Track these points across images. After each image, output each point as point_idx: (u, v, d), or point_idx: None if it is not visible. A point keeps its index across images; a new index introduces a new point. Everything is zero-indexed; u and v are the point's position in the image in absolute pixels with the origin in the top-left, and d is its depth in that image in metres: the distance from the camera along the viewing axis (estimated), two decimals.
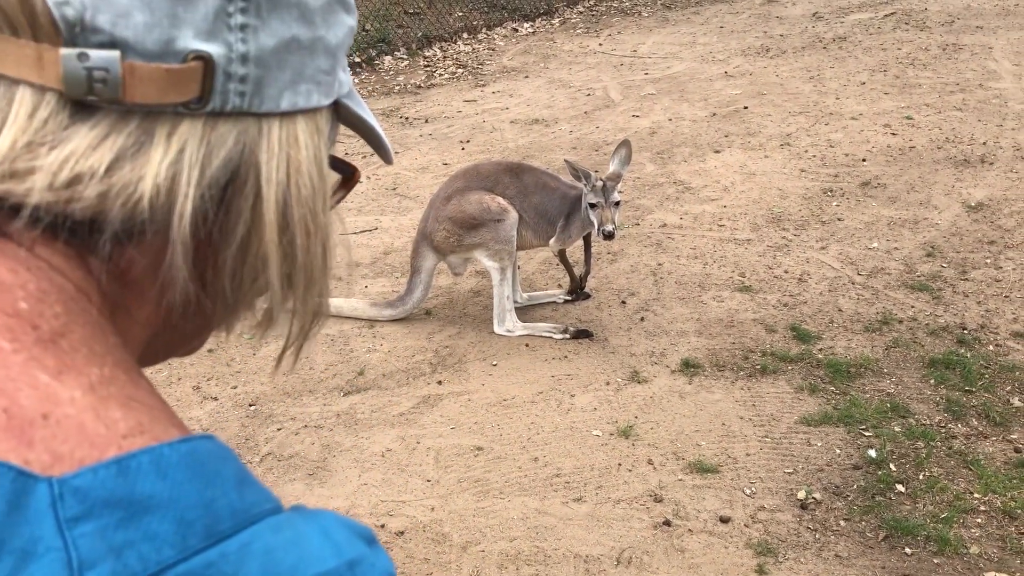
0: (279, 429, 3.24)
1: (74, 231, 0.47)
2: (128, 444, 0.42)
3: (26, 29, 0.44)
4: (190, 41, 0.46)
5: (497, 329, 3.82)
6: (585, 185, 3.63)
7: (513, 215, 3.75)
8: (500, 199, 3.76)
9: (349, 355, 3.70)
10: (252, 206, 0.50)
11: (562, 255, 4.01)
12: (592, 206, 3.61)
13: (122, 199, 0.46)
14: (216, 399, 3.43)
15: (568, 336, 3.78)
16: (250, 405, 3.39)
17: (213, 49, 0.47)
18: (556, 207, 3.82)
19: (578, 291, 4.06)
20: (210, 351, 3.76)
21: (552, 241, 3.88)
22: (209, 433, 0.47)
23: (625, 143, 3.76)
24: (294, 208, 0.51)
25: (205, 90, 0.47)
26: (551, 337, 3.78)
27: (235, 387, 3.51)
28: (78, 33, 0.44)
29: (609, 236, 3.56)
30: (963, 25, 8.92)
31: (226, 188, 0.49)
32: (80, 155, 0.45)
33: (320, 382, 3.53)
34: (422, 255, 3.87)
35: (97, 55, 0.44)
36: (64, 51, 0.44)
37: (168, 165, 0.47)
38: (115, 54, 0.44)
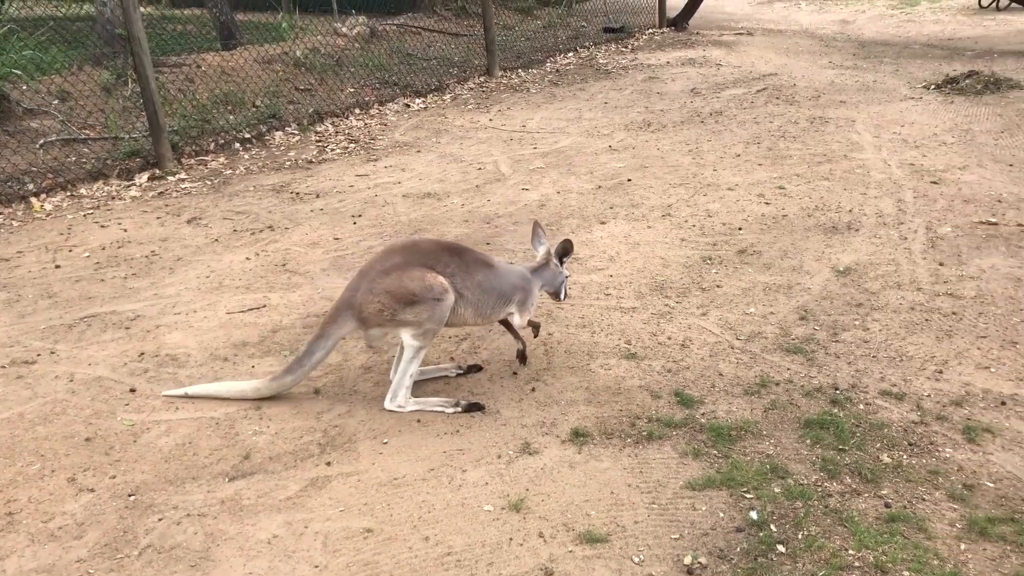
0: (160, 519, 3.12)
1: None
2: None
3: None
4: None
5: (388, 405, 3.79)
6: (552, 257, 4.09)
7: (451, 297, 3.72)
8: (442, 278, 3.70)
9: (234, 439, 3.61)
10: None
11: (531, 323, 4.20)
12: (566, 277, 4.19)
13: None
14: (93, 490, 3.28)
15: (460, 410, 3.78)
16: (129, 495, 3.26)
17: None
18: (502, 284, 3.88)
19: (523, 357, 4.17)
20: (87, 440, 3.61)
21: (516, 319, 4.01)
22: None
23: (536, 224, 4.27)
24: None
25: None
26: (443, 411, 3.78)
27: (113, 476, 3.37)
28: None
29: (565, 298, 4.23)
30: (828, 100, 9.54)
31: None
32: None
33: (204, 468, 3.42)
34: (339, 323, 3.76)
35: None
36: None
37: None
38: None
